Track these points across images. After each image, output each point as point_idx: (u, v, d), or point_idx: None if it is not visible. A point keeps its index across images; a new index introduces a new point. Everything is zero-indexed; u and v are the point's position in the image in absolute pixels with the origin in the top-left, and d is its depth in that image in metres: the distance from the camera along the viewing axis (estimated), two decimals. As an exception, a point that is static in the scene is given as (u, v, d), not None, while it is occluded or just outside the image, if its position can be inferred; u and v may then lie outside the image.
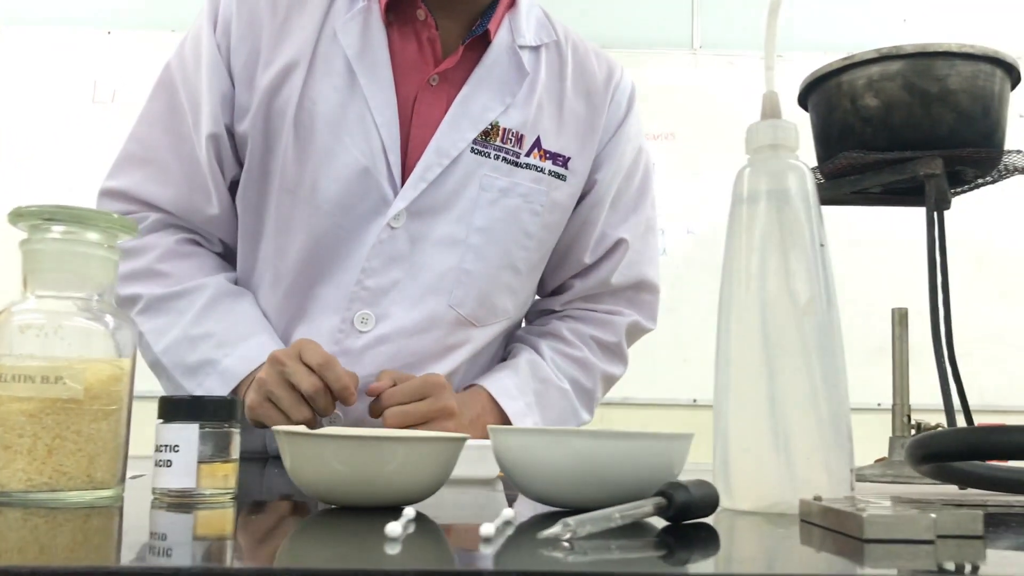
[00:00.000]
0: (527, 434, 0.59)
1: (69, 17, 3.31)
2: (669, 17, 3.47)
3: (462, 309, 1.09)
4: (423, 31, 1.08)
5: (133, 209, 1.12)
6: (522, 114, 1.11)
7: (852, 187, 0.89)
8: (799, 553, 0.48)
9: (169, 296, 1.07)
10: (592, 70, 1.19)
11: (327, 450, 0.56)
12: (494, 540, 0.46)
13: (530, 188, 1.11)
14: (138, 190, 1.11)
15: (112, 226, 0.65)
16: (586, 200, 1.18)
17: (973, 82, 0.84)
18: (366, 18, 1.07)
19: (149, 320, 1.07)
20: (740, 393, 0.61)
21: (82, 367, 0.61)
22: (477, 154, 1.08)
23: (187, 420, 0.63)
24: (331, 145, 1.05)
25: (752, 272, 0.62)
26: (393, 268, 1.06)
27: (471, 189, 1.08)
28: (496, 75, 1.10)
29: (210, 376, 1.03)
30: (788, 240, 0.62)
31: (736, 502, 0.61)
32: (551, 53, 1.17)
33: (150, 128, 1.12)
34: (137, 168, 1.12)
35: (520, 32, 1.13)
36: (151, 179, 1.11)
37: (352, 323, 1.05)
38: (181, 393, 1.04)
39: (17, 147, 3.20)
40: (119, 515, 0.59)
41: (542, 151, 1.12)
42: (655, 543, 0.50)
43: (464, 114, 1.08)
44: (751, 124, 0.65)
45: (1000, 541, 0.52)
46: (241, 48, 1.08)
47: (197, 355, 1.04)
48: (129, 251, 1.08)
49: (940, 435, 0.62)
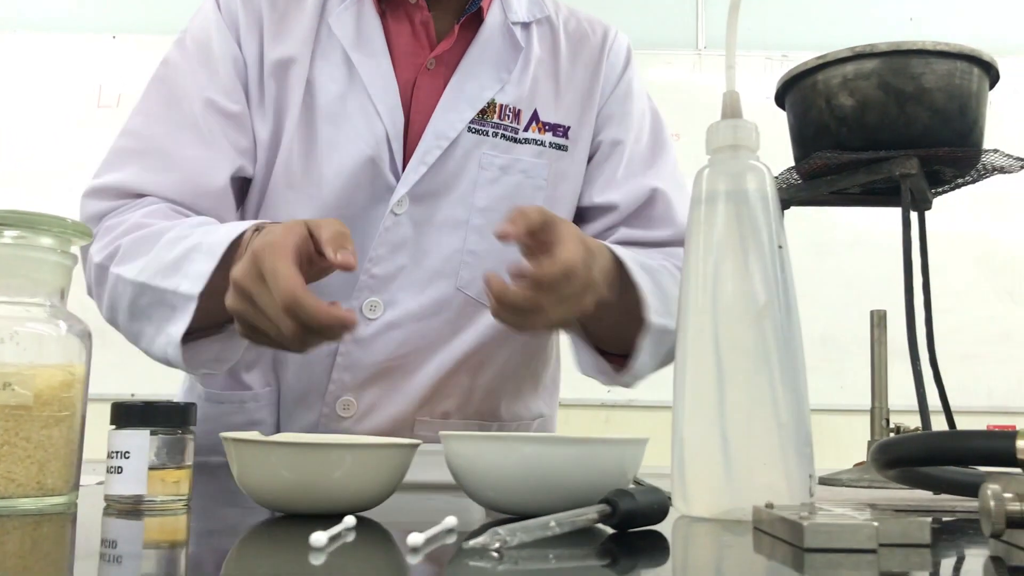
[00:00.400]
0: (476, 440, 0.59)
1: (74, 22, 3.32)
2: (673, 17, 3.45)
3: (470, 290, 1.07)
4: (416, 14, 1.08)
5: (122, 203, 1.02)
6: (518, 89, 1.10)
7: (829, 187, 0.88)
8: (734, 563, 0.47)
9: (149, 235, 0.94)
10: (586, 37, 1.18)
11: (273, 457, 0.56)
12: (423, 549, 0.45)
13: (531, 163, 1.10)
14: (130, 182, 1.02)
15: (65, 231, 0.65)
16: (595, 159, 1.15)
17: (949, 80, 0.82)
18: (359, 8, 1.07)
19: (123, 264, 0.94)
20: (694, 397, 0.60)
21: (31, 373, 0.61)
22: (475, 133, 1.07)
23: (138, 426, 0.62)
24: (334, 137, 1.05)
25: (708, 274, 0.61)
26: (398, 254, 1.05)
27: (471, 169, 1.07)
28: (490, 53, 1.10)
29: (194, 260, 0.88)
30: (746, 242, 0.61)
31: (691, 508, 0.60)
32: (543, 28, 1.16)
33: (146, 120, 1.06)
34: (130, 162, 1.04)
35: (512, 9, 1.13)
36: (149, 169, 1.03)
37: (361, 311, 1.04)
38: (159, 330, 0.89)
39: (22, 151, 3.22)
40: (70, 523, 0.58)
41: (540, 124, 1.12)
42: (597, 551, 0.49)
43: (460, 95, 1.07)
44: (711, 124, 0.64)
45: (949, 549, 0.51)
46: (249, 39, 1.06)
47: (176, 251, 0.90)
48: (111, 226, 0.98)
49: (901, 440, 0.61)
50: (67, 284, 0.66)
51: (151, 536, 0.53)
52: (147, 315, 0.91)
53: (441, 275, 1.06)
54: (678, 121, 3.54)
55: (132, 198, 1.02)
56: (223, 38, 1.06)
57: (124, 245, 0.95)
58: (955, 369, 3.01)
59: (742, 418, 0.58)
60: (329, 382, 1.05)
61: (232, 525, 0.58)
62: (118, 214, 1.00)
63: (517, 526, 0.46)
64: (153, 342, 0.91)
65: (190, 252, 0.88)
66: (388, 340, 1.05)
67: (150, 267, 0.90)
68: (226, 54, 1.06)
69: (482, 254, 1.07)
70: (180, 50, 1.09)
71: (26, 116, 3.24)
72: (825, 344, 3.01)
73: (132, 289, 0.91)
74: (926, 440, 0.59)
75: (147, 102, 1.08)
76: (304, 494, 0.56)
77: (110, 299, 0.95)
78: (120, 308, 0.94)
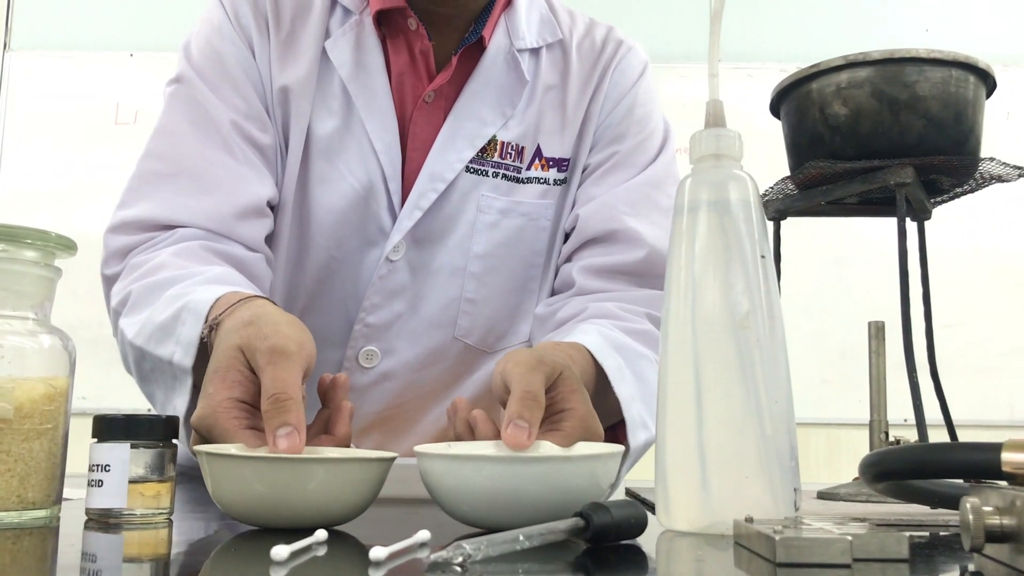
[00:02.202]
0: (448, 458, 0.58)
1: (92, 40, 3.36)
2: (687, 30, 3.44)
3: (469, 339, 1.03)
4: (415, 42, 0.99)
5: (151, 236, 0.93)
6: (522, 125, 1.02)
7: (825, 197, 0.87)
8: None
9: (157, 284, 0.87)
10: (596, 58, 1.08)
11: (246, 470, 0.55)
12: (386, 564, 0.45)
13: (534, 205, 1.02)
14: (160, 214, 0.93)
15: (48, 244, 0.65)
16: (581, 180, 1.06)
17: (944, 88, 0.81)
18: (359, 33, 0.99)
19: (128, 316, 0.88)
20: (674, 409, 0.59)
21: (11, 386, 0.61)
22: (473, 173, 1.00)
23: (119, 439, 0.62)
24: (327, 173, 0.98)
25: (689, 285, 0.60)
26: (395, 301, 1.00)
27: (468, 212, 1.00)
28: (493, 85, 1.01)
29: (185, 323, 0.80)
30: (728, 252, 0.60)
31: (673, 522, 0.59)
32: (555, 53, 1.06)
33: (171, 140, 0.98)
34: (159, 187, 0.95)
35: (519, 34, 1.03)
36: (180, 193, 0.94)
37: (356, 360, 1.00)
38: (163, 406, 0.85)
39: (41, 169, 3.25)
40: (51, 536, 0.58)
41: (544, 160, 1.04)
42: (570, 566, 0.48)
43: (459, 132, 0.99)
44: (694, 133, 0.64)
45: (928, 564, 0.50)
46: (261, 59, 0.99)
47: (170, 310, 0.83)
48: (135, 264, 0.92)
49: (887, 453, 0.60)
50: (50, 297, 0.66)
51: (129, 550, 0.53)
52: (153, 379, 0.85)
53: (439, 324, 1.01)
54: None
55: (162, 230, 0.93)
56: (241, 55, 0.99)
57: (134, 292, 0.88)
58: (976, 383, 3.00)
59: (722, 430, 0.57)
60: None
61: (209, 540, 0.58)
62: (144, 250, 0.93)
63: (483, 539, 0.45)
64: (164, 407, 0.85)
65: (179, 313, 0.81)
66: (385, 390, 1.01)
67: (146, 328, 0.84)
68: (247, 74, 0.98)
69: (481, 302, 1.02)
70: (194, 64, 1.00)
71: (44, 134, 3.28)
72: (844, 357, 2.99)
73: (133, 353, 0.86)
74: (911, 453, 0.58)
75: (169, 120, 0.99)
76: (277, 508, 0.55)
77: (122, 352, 0.90)
78: (130, 365, 0.89)
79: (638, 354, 0.93)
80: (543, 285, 1.06)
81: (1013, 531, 0.43)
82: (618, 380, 0.84)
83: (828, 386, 2.98)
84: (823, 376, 2.98)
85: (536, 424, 0.65)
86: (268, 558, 0.45)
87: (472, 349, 1.03)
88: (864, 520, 0.66)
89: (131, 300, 0.88)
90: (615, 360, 0.86)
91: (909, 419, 0.90)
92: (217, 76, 0.98)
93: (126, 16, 3.35)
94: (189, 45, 1.02)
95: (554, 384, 0.72)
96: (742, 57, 3.34)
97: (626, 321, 0.97)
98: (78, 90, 3.32)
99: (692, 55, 3.43)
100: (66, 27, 3.38)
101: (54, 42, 3.37)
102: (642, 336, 0.97)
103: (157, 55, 3.30)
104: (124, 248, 0.93)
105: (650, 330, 0.98)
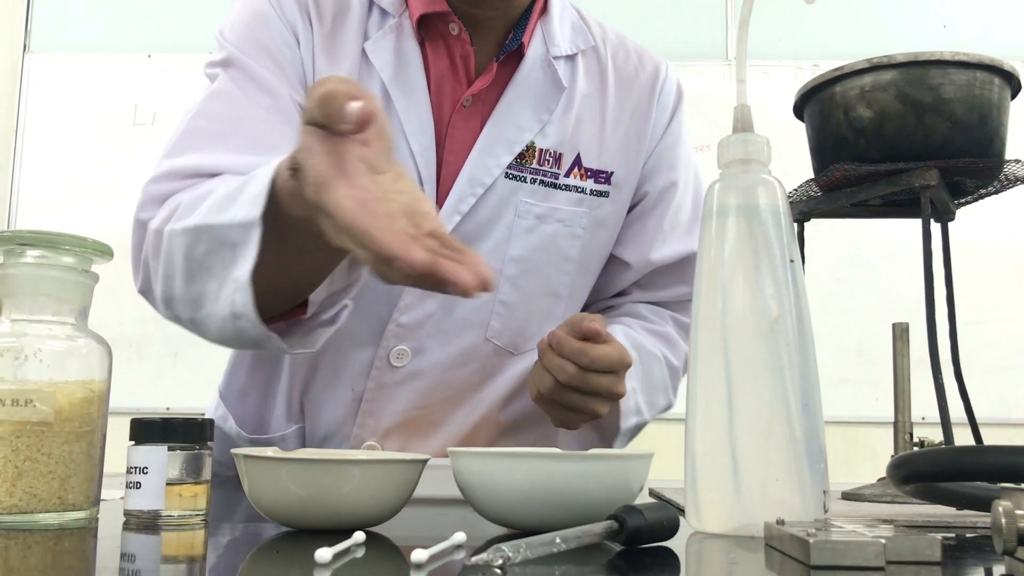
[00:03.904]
0: (483, 456, 0.59)
1: (110, 42, 3.38)
2: (703, 28, 3.44)
3: (499, 340, 1.04)
4: (456, 47, 1.00)
5: (192, 182, 0.88)
6: (560, 132, 1.03)
7: (849, 199, 0.87)
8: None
9: (210, 190, 0.82)
10: (636, 73, 1.10)
11: (283, 473, 0.56)
12: (427, 566, 0.45)
13: (570, 212, 1.04)
14: (208, 163, 0.89)
15: (86, 250, 0.66)
16: (636, 210, 1.11)
17: (968, 91, 0.82)
18: (398, 36, 0.99)
19: (180, 220, 0.81)
20: (705, 412, 0.59)
21: (52, 390, 0.62)
22: (512, 179, 1.01)
23: (156, 442, 0.63)
24: None
25: (719, 289, 0.61)
26: (428, 301, 1.00)
27: (507, 217, 1.01)
28: (531, 91, 1.02)
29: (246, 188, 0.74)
30: (757, 256, 0.61)
31: (703, 524, 0.59)
32: (589, 60, 1.08)
33: (228, 102, 0.93)
34: (212, 142, 0.91)
35: (554, 41, 1.05)
36: (235, 149, 0.90)
37: (387, 359, 1.01)
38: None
39: (59, 169, 3.28)
40: (91, 537, 0.59)
41: (583, 170, 1.05)
42: (604, 568, 0.49)
43: (497, 137, 1.00)
44: (722, 138, 0.64)
45: (960, 567, 0.50)
46: (306, 55, 0.98)
47: (230, 188, 0.77)
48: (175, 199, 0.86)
49: (915, 456, 0.60)
50: (88, 302, 0.67)
51: (167, 551, 0.54)
52: (206, 266, 0.77)
53: (471, 325, 1.02)
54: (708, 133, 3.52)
55: (207, 177, 0.88)
56: (287, 46, 0.97)
57: (184, 202, 0.83)
58: (997, 381, 2.99)
59: (752, 433, 0.58)
60: (354, 426, 1.03)
61: (246, 541, 0.59)
62: (185, 191, 0.87)
63: (522, 542, 0.46)
64: (218, 299, 0.76)
65: (244, 183, 0.75)
66: (414, 389, 1.02)
67: (202, 212, 0.78)
68: (293, 66, 0.96)
69: (514, 305, 1.03)
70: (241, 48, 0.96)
71: (62, 135, 3.30)
72: (861, 356, 2.98)
73: (185, 239, 0.78)
74: (940, 456, 0.59)
75: (224, 87, 0.95)
76: (314, 509, 0.56)
77: (166, 266, 0.82)
78: (176, 271, 0.81)
79: (651, 354, 1.04)
80: (572, 291, 1.08)
81: (1045, 534, 0.44)
82: (628, 374, 0.93)
83: (846, 385, 2.97)
84: (840, 375, 2.97)
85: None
86: (309, 559, 0.45)
87: (500, 350, 1.05)
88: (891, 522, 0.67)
89: (181, 209, 0.83)
90: (631, 356, 0.93)
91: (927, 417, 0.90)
92: (268, 60, 0.96)
93: (144, 18, 3.38)
94: (228, 31, 0.99)
95: None
96: (758, 55, 3.33)
97: (651, 323, 1.08)
98: (96, 91, 3.35)
99: (708, 53, 3.42)
100: (84, 29, 3.41)
101: (72, 44, 3.39)
102: (661, 337, 1.08)
103: (175, 56, 3.33)
104: (165, 194, 0.88)
105: (669, 332, 1.10)
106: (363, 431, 1.03)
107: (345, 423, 1.03)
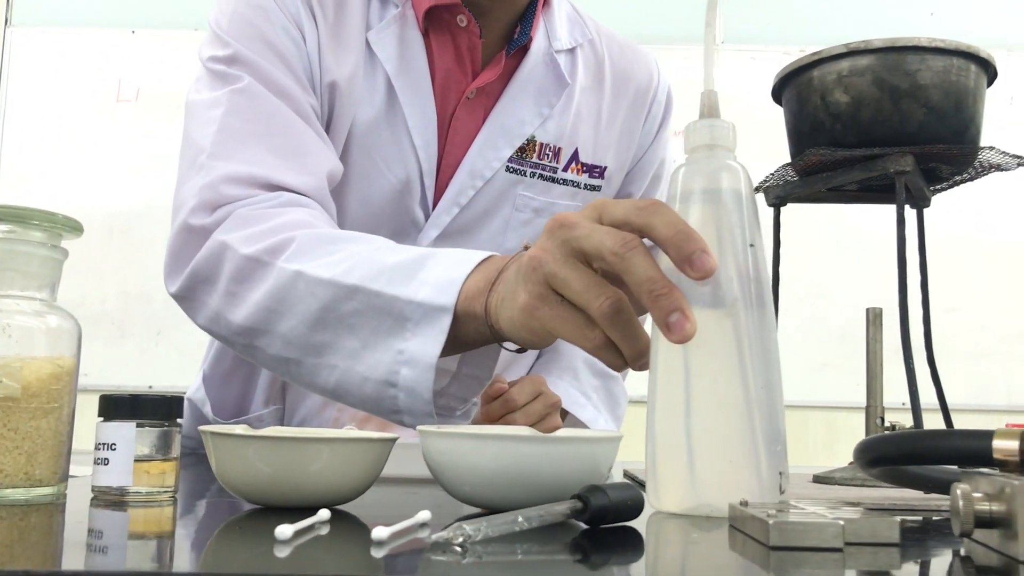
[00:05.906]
0: (451, 436, 0.59)
1: (94, 16, 3.35)
2: (690, 12, 3.43)
3: None
4: (463, 39, 0.99)
5: (256, 193, 0.88)
6: (559, 126, 1.03)
7: (825, 184, 0.88)
8: (699, 560, 0.47)
9: (333, 236, 0.82)
10: (631, 70, 1.11)
11: (250, 450, 0.56)
12: (388, 543, 0.45)
13: (565, 206, 1.04)
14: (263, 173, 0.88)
15: (55, 225, 0.66)
16: None
17: (945, 77, 0.82)
18: (402, 26, 0.98)
19: (302, 261, 0.79)
20: (664, 394, 0.60)
21: (19, 365, 0.62)
22: (512, 172, 1.01)
23: (125, 418, 0.63)
24: (364, 166, 0.98)
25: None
26: None
27: (504, 209, 1.02)
28: (533, 85, 1.02)
29: (432, 267, 0.74)
30: (718, 240, 0.61)
31: (662, 504, 0.60)
32: (587, 54, 1.08)
33: (252, 98, 0.91)
34: (251, 144, 0.90)
35: (555, 35, 1.05)
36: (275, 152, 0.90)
37: None
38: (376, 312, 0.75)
39: (41, 145, 3.25)
40: (58, 513, 0.59)
41: (579, 164, 1.06)
42: (567, 546, 0.49)
43: (499, 130, 1.00)
44: (688, 123, 0.65)
45: (918, 548, 0.51)
46: (312, 50, 0.96)
47: (401, 255, 0.76)
48: (251, 218, 0.85)
49: (880, 439, 0.61)
50: (57, 278, 0.67)
51: (134, 527, 0.54)
52: (349, 325, 0.75)
53: None
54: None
55: (264, 189, 0.88)
56: (293, 43, 0.95)
57: (299, 239, 0.80)
58: (974, 368, 3.02)
59: (708, 415, 0.58)
60: (334, 410, 1.03)
61: (212, 518, 0.59)
62: (248, 206, 0.86)
63: (483, 521, 0.46)
64: (358, 359, 0.75)
65: (424, 259, 0.74)
66: None
67: (358, 269, 0.76)
68: (300, 62, 0.95)
69: None
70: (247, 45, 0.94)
71: (45, 110, 3.27)
72: (843, 342, 2.99)
73: (329, 292, 0.76)
74: (904, 439, 0.59)
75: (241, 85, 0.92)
76: (281, 487, 0.56)
77: (273, 299, 0.80)
78: (295, 312, 0.78)
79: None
80: None
81: (1002, 517, 0.44)
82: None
83: (828, 370, 2.99)
84: (823, 360, 2.99)
85: None
86: (272, 536, 0.46)
87: None
88: (858, 504, 0.67)
89: (296, 246, 0.80)
90: None
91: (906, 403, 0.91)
92: (275, 58, 0.94)
93: (128, -7, 3.35)
94: (225, 23, 0.96)
95: None
96: (745, 40, 3.33)
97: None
98: (80, 66, 3.32)
99: (695, 37, 3.42)
100: (68, 3, 3.37)
101: (56, 18, 3.36)
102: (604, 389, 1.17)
103: (159, 32, 3.30)
104: (220, 200, 0.87)
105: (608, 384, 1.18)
106: (343, 415, 1.03)
107: (325, 407, 1.03)
